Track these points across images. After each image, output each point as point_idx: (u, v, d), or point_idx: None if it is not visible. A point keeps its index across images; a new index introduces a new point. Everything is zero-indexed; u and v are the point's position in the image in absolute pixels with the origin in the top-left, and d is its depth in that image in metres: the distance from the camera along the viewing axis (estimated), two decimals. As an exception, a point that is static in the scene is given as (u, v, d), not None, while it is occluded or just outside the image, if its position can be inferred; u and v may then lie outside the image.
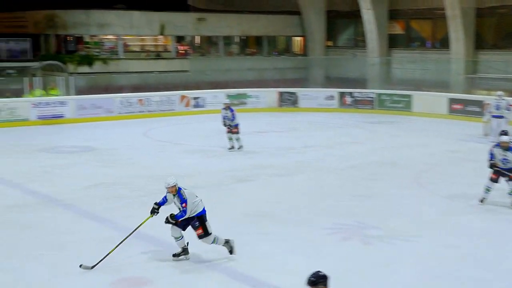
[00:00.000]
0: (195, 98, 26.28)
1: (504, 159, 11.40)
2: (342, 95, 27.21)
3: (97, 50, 33.93)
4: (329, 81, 32.03)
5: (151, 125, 22.88)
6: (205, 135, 20.45)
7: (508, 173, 11.41)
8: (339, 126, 23.07)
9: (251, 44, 39.79)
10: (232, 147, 17.60)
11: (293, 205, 11.90)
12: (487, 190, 11.68)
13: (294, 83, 30.51)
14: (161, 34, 35.31)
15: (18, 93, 25.02)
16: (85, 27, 33.53)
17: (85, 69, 32.03)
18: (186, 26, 35.84)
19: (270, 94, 27.69)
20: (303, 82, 32.50)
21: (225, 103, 18.05)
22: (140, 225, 8.82)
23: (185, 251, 8.82)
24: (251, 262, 8.75)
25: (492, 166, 11.57)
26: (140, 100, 25.25)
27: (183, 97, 26.15)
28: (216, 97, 26.37)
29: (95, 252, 8.78)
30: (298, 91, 27.84)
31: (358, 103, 26.88)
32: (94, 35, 34.39)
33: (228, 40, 38.39)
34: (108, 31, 34.19)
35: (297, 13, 37.52)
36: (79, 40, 34.38)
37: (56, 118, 23.21)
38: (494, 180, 11.62)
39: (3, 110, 22.39)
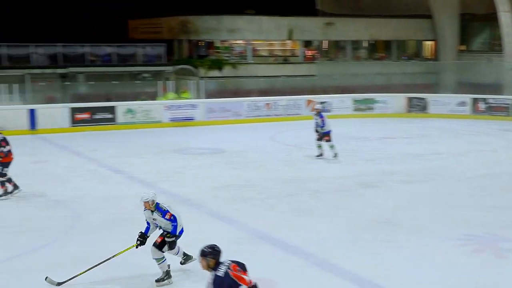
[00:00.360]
0: (321, 103, 26.20)
1: None
2: (475, 101, 26.17)
3: (227, 54, 34.88)
4: (461, 87, 30.85)
5: (277, 129, 23.12)
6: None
7: None
8: (472, 134, 22.18)
9: (380, 49, 39.27)
10: (321, 155, 16.95)
11: (420, 214, 11.55)
12: None
13: (424, 89, 29.69)
14: (289, 38, 35.68)
15: (153, 96, 26.19)
16: (216, 32, 34.59)
17: (215, 73, 33.02)
18: (313, 31, 35.99)
19: (398, 99, 27.14)
20: (433, 87, 31.54)
21: (316, 109, 17.47)
22: (121, 252, 8.45)
23: (168, 274, 8.21)
24: (375, 270, 8.58)
25: None
26: (268, 104, 25.62)
27: (309, 101, 26.21)
28: (343, 101, 26.33)
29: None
30: (428, 96, 27.09)
31: (493, 110, 25.73)
32: (224, 40, 35.38)
33: (356, 44, 38.14)
34: (238, 36, 35.04)
35: (429, 16, 36.57)
36: (210, 45, 35.53)
37: (187, 121, 24.05)
38: None
39: (138, 112, 23.53)
